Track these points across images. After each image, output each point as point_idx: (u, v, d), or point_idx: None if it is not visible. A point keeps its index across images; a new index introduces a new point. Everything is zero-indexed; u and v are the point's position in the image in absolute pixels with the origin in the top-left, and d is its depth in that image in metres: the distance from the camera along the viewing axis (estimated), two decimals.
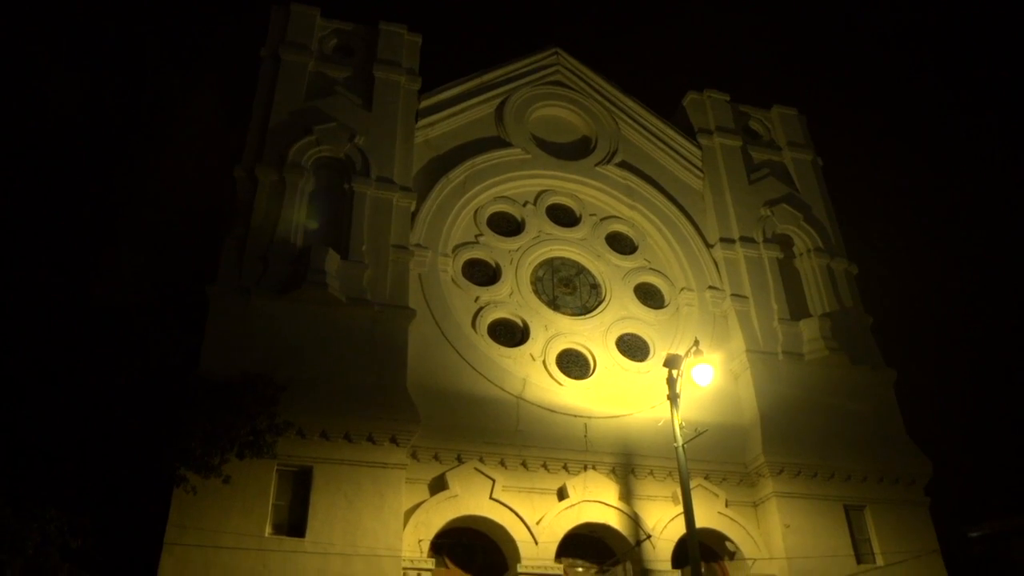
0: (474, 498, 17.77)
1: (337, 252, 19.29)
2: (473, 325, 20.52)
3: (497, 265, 21.98)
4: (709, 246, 24.18)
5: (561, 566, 17.72)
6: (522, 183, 23.69)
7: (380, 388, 17.78)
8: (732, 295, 22.94)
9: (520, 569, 17.23)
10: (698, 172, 25.86)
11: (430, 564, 16.89)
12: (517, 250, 22.36)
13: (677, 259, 23.64)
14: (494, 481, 17.99)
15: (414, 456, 17.72)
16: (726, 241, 24.10)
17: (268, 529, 15.94)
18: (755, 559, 18.96)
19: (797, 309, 23.33)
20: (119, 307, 16.15)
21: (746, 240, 24.11)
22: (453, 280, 21.16)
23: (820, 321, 22.39)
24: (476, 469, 18.06)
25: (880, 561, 19.31)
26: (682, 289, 23.05)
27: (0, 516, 11.58)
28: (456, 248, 21.75)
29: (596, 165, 24.66)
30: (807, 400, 21.09)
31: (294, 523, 16.25)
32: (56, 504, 12.27)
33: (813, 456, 19.98)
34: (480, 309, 20.93)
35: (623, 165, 24.99)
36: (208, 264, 19.21)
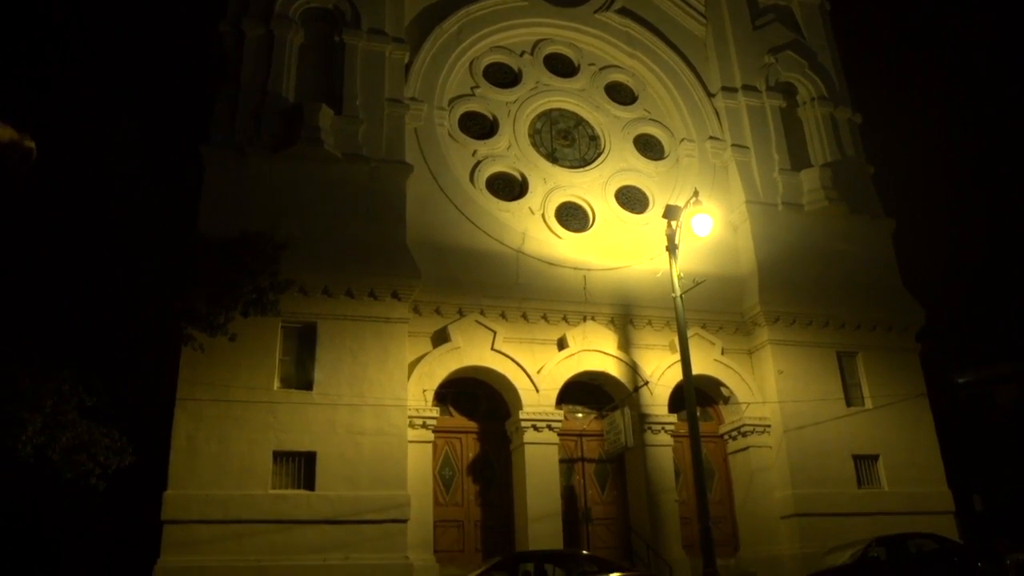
0: (476, 349, 18.20)
1: (331, 107, 18.89)
2: (471, 179, 20.35)
3: (494, 118, 21.56)
4: (711, 95, 23.63)
5: (561, 412, 18.38)
6: (518, 32, 22.87)
7: (380, 244, 17.85)
8: (733, 145, 22.62)
9: (522, 415, 17.88)
10: (701, 18, 24.89)
11: (435, 412, 17.54)
12: (514, 102, 21.86)
13: (678, 109, 23.17)
14: (495, 333, 18.38)
15: (416, 310, 18.02)
16: (728, 90, 23.50)
17: (276, 383, 16.42)
18: (748, 403, 19.65)
19: (798, 159, 23.08)
20: (115, 170, 15.93)
21: (749, 89, 23.51)
22: (450, 134, 20.82)
23: (821, 171, 22.20)
24: (477, 322, 18.41)
25: (869, 404, 20.01)
26: (682, 140, 22.71)
27: (16, 377, 11.86)
28: (452, 101, 21.27)
29: (595, 12, 23.69)
30: (805, 250, 21.22)
31: (301, 377, 16.74)
32: (70, 365, 12.55)
33: (808, 305, 20.31)
34: (478, 163, 20.70)
35: (623, 12, 24.01)
36: (201, 124, 18.82)
